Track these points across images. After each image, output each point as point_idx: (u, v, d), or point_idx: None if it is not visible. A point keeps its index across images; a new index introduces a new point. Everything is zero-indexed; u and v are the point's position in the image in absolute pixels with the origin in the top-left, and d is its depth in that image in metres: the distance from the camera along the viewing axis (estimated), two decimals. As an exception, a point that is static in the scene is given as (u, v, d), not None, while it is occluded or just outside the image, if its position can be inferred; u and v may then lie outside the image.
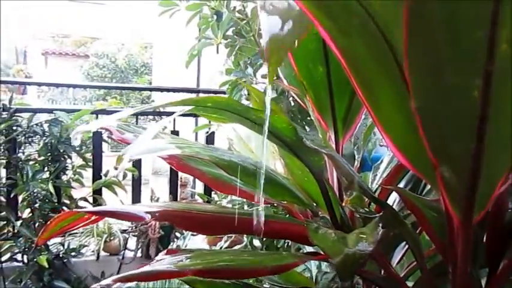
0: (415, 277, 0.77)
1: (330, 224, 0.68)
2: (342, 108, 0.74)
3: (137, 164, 2.62)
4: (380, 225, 0.48)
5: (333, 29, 0.43)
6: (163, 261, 0.48)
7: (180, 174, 2.94)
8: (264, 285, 0.67)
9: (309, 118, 2.05)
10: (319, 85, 0.72)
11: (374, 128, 0.92)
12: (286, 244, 2.08)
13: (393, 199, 0.81)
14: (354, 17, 0.41)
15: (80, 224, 0.59)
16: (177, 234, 2.56)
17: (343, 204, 0.52)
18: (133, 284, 1.95)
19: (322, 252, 0.48)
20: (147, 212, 0.52)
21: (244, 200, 1.84)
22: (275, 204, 0.82)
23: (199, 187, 4.00)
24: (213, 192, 2.76)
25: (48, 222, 0.57)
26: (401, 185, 0.82)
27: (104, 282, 0.44)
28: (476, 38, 0.35)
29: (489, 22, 0.33)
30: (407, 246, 0.80)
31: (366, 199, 0.73)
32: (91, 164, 2.50)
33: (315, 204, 0.81)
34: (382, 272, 0.58)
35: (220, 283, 0.63)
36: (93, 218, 0.58)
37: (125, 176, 2.54)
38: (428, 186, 0.82)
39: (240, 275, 0.50)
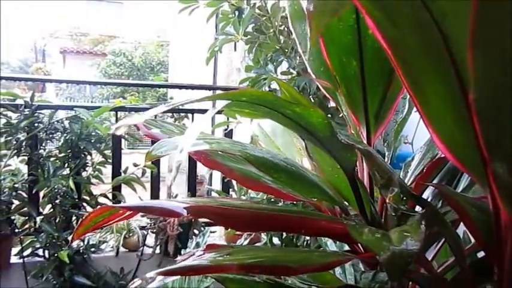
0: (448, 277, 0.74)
1: (363, 222, 0.66)
2: (375, 104, 0.73)
3: (156, 161, 2.63)
4: (423, 223, 0.46)
5: (381, 19, 0.42)
6: (203, 257, 0.47)
7: (197, 171, 2.94)
8: (297, 283, 0.65)
9: (329, 115, 2.03)
10: (351, 79, 0.70)
11: (405, 124, 0.89)
12: (305, 242, 2.07)
13: (425, 196, 0.79)
14: (405, 6, 0.39)
15: (115, 219, 0.58)
16: (195, 231, 2.56)
17: (387, 201, 0.50)
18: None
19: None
20: (185, 208, 0.51)
21: (264, 197, 1.83)
22: (302, 202, 0.80)
23: (216, 184, 4.01)
24: (230, 190, 2.76)
25: (83, 218, 0.57)
26: (434, 182, 0.80)
27: (148, 274, 0.43)
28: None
29: None
30: (439, 245, 0.78)
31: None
32: (110, 160, 2.51)
33: (344, 201, 0.80)
34: (422, 271, 0.57)
35: (251, 281, 0.61)
36: (128, 213, 0.58)
37: (144, 173, 2.55)
38: (461, 185, 0.79)
39: (289, 271, 0.49)
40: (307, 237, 2.02)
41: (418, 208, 0.68)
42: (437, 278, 0.56)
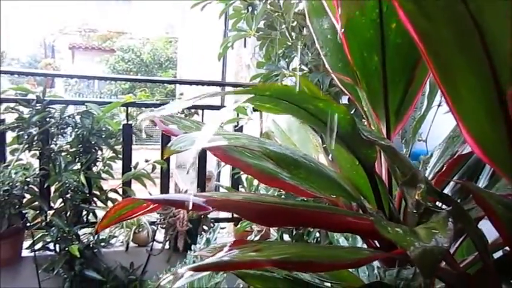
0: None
1: (384, 219, 0.66)
2: (396, 100, 0.72)
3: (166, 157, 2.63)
4: (450, 220, 0.46)
5: (414, 11, 0.41)
6: (232, 253, 0.47)
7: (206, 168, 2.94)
8: (315, 280, 0.65)
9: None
10: (373, 75, 0.69)
11: (423, 121, 0.89)
12: (315, 240, 2.06)
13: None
14: (441, -1, 0.39)
15: (139, 212, 0.58)
16: (205, 227, 2.57)
17: (415, 197, 0.50)
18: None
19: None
20: (206, 202, 0.51)
21: (276, 193, 1.83)
22: (318, 198, 0.79)
23: (224, 181, 4.01)
24: (240, 186, 2.76)
25: (108, 210, 0.57)
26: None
27: (180, 270, 0.43)
28: None
29: None
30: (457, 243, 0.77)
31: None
32: (121, 156, 2.52)
33: (362, 198, 0.79)
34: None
35: (271, 277, 0.61)
36: (152, 206, 0.58)
37: (154, 169, 2.55)
38: (481, 183, 0.78)
39: (321, 267, 0.48)
40: (317, 234, 2.02)
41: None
42: (462, 274, 0.55)
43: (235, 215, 2.81)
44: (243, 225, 2.15)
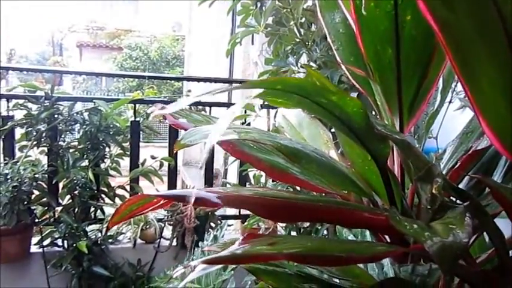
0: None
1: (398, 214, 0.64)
2: (410, 94, 0.70)
3: (173, 154, 2.63)
4: (468, 216, 0.45)
5: (435, 1, 0.40)
6: (246, 246, 0.46)
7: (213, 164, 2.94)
8: (327, 277, 0.64)
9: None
10: (386, 68, 0.68)
11: (436, 117, 0.87)
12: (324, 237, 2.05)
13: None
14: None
15: (149, 208, 0.57)
16: (212, 224, 2.56)
17: (432, 191, 0.48)
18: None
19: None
20: (218, 197, 0.50)
21: (284, 189, 1.82)
22: (329, 193, 0.78)
23: (231, 178, 4.01)
24: (247, 183, 2.75)
25: (119, 206, 0.56)
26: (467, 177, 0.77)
27: (193, 263, 0.42)
28: None
29: None
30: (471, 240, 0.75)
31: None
32: (128, 153, 2.52)
33: (374, 194, 0.78)
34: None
35: (283, 273, 0.60)
36: (162, 202, 0.57)
37: (161, 166, 2.56)
38: (497, 179, 0.77)
39: (339, 261, 0.47)
40: (325, 232, 2.00)
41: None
42: (480, 271, 0.54)
43: (242, 212, 2.80)
44: (250, 222, 2.14)
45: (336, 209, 0.56)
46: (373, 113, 0.85)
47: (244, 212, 2.74)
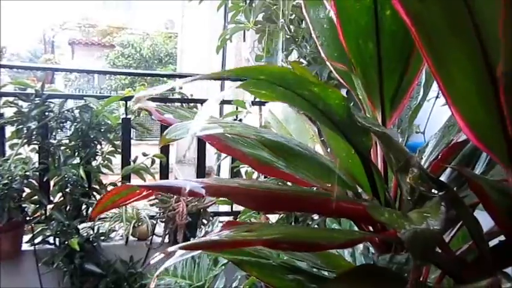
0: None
1: (379, 205, 0.66)
2: (391, 88, 0.72)
3: (165, 150, 2.64)
4: (443, 204, 0.46)
5: (406, -6, 0.41)
6: (223, 233, 0.47)
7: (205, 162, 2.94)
8: (311, 268, 0.65)
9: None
10: (368, 62, 0.69)
11: (419, 110, 0.88)
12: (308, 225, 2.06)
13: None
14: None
15: (132, 198, 0.58)
16: (204, 221, 2.57)
17: (407, 181, 0.50)
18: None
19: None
20: (203, 187, 0.51)
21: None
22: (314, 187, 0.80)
23: (224, 176, 4.01)
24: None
25: (101, 197, 0.57)
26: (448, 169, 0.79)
27: (170, 248, 0.43)
28: None
29: None
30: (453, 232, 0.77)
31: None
32: (120, 150, 2.52)
33: (358, 187, 0.79)
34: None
35: (268, 264, 0.61)
36: (145, 193, 0.58)
37: (153, 163, 2.56)
38: (477, 171, 0.78)
39: (316, 247, 0.48)
40: (315, 226, 2.02)
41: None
42: (457, 259, 0.55)
43: (234, 209, 2.81)
44: (241, 218, 2.15)
45: (315, 198, 0.57)
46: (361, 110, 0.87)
47: (236, 208, 2.75)
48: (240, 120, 2.61)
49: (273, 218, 2.23)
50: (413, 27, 0.44)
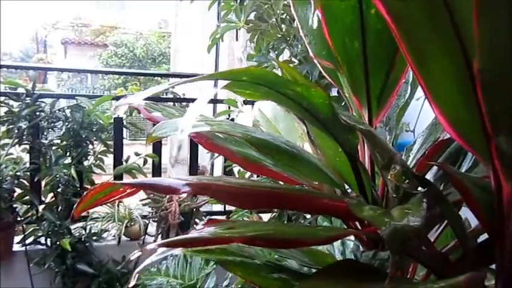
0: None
1: (364, 202, 0.66)
2: (377, 86, 0.72)
3: (157, 150, 2.63)
4: (425, 201, 0.46)
5: (385, -8, 0.41)
6: (204, 230, 0.47)
7: (199, 162, 2.94)
8: (297, 266, 0.65)
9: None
10: (354, 61, 0.69)
11: (407, 108, 0.89)
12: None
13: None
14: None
15: (116, 196, 0.58)
16: (197, 220, 2.57)
17: (389, 178, 0.50)
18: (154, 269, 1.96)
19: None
20: (185, 184, 0.51)
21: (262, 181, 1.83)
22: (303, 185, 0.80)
23: (218, 174, 4.01)
24: (232, 180, 2.76)
25: (84, 194, 0.57)
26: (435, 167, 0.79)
27: (149, 246, 0.43)
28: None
29: None
30: (440, 229, 0.78)
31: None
32: (112, 150, 2.51)
33: (346, 185, 0.80)
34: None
35: (252, 263, 0.61)
36: (129, 190, 0.58)
37: (145, 162, 2.55)
38: (463, 169, 0.79)
39: (292, 243, 0.48)
40: (307, 223, 2.03)
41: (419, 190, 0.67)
42: (440, 255, 0.55)
43: (227, 208, 2.81)
44: (234, 217, 2.15)
45: (298, 195, 0.57)
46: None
47: (229, 207, 2.75)
48: (233, 119, 2.62)
49: (267, 217, 2.23)
50: (393, 25, 0.44)
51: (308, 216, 1.86)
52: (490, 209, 0.49)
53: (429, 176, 0.78)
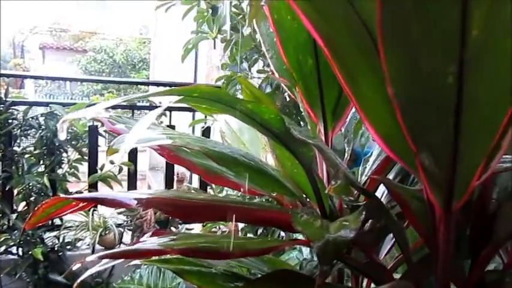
0: (404, 268, 0.77)
1: (318, 214, 0.69)
2: (332, 100, 0.75)
3: (133, 158, 2.63)
4: (364, 213, 0.49)
5: (318, 20, 0.44)
6: (147, 242, 0.49)
7: (176, 169, 2.94)
8: (255, 274, 0.67)
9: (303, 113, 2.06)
10: (308, 77, 0.72)
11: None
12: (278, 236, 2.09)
13: (382, 191, 0.82)
14: (339, 9, 0.42)
15: (68, 210, 0.59)
16: (172, 228, 2.57)
17: (326, 191, 0.53)
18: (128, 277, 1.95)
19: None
20: (135, 199, 0.53)
21: (238, 194, 1.85)
22: (268, 197, 0.82)
23: (196, 182, 4.01)
24: (208, 187, 2.77)
25: (36, 209, 0.58)
26: (390, 177, 0.83)
27: (89, 258, 0.45)
28: (448, 25, 0.35)
29: (460, 10, 0.34)
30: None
31: (355, 191, 0.74)
32: (87, 158, 2.50)
33: (304, 195, 0.82)
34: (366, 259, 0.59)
35: (208, 273, 0.63)
36: (81, 204, 0.59)
37: (120, 170, 2.54)
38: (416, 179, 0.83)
39: (224, 255, 0.50)
40: (282, 234, 2.05)
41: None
42: (378, 265, 0.58)
43: (203, 216, 2.82)
44: (208, 226, 2.16)
45: (242, 208, 0.59)
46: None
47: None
48: (209, 127, 2.63)
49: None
50: (325, 48, 0.47)
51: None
52: (426, 220, 0.52)
53: (383, 188, 0.81)
